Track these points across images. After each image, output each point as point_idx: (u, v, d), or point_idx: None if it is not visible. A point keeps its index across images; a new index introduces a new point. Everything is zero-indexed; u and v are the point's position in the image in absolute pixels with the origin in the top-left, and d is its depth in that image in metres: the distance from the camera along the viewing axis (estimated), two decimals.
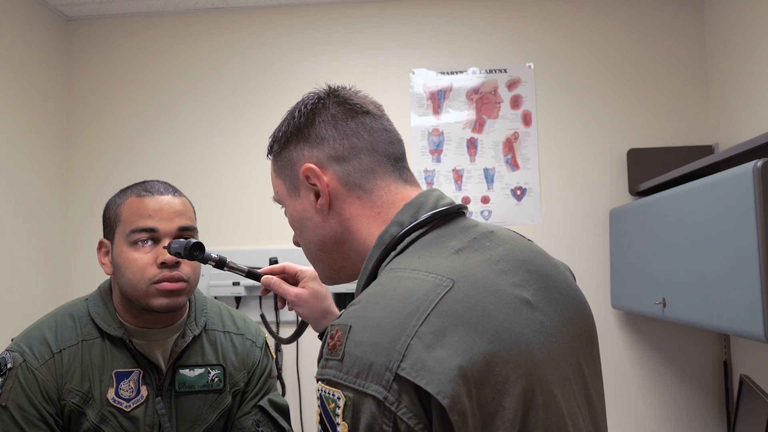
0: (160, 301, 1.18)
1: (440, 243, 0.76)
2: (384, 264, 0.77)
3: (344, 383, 0.63)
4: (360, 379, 0.63)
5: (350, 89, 0.90)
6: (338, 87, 0.90)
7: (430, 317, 0.64)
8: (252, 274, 1.14)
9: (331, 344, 0.66)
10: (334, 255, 0.87)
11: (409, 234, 0.77)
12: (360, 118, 0.85)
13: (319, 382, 0.66)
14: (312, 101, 0.88)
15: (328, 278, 0.91)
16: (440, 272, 0.69)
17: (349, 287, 2.53)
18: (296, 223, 0.89)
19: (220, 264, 1.13)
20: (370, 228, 0.82)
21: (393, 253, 0.77)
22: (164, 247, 1.17)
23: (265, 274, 1.14)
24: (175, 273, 1.18)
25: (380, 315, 0.65)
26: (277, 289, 1.11)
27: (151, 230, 1.19)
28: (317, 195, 0.84)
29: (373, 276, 0.78)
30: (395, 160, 0.86)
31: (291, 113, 0.90)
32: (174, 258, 1.17)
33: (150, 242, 1.20)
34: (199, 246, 1.12)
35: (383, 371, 0.62)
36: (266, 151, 0.93)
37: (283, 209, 0.92)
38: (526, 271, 0.76)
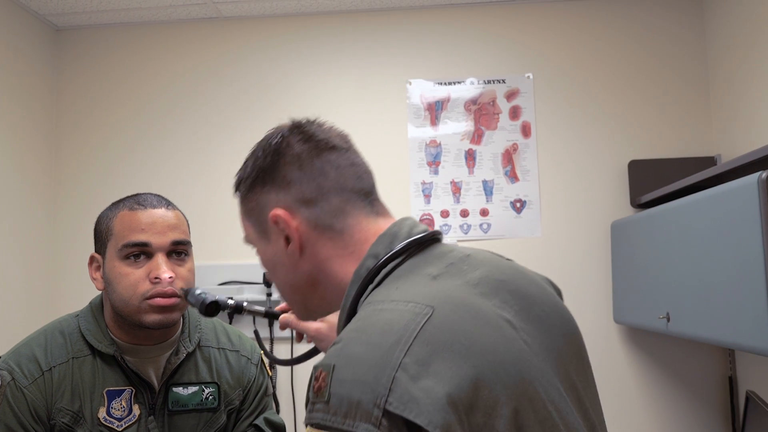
0: (152, 318, 1.18)
1: (417, 271, 0.77)
2: (363, 298, 0.78)
3: (333, 425, 0.63)
4: (348, 419, 0.62)
5: (315, 122, 0.90)
6: (302, 121, 0.89)
7: (413, 347, 0.64)
8: (270, 314, 1.16)
9: (316, 386, 0.66)
10: (309, 296, 0.88)
11: (386, 265, 0.78)
12: (326, 155, 0.85)
13: (308, 427, 0.65)
14: (275, 140, 0.87)
15: (306, 317, 0.93)
16: (419, 300, 0.70)
17: None
18: (269, 265, 0.90)
19: (238, 309, 1.15)
20: (344, 267, 0.83)
21: (371, 287, 0.78)
22: (182, 289, 1.19)
23: (282, 312, 1.16)
24: (168, 288, 1.18)
25: (362, 351, 0.65)
26: (296, 327, 1.13)
27: (143, 245, 1.19)
28: (288, 239, 0.85)
29: (352, 312, 0.79)
30: (365, 195, 0.87)
31: (255, 153, 0.90)
32: (167, 275, 1.17)
33: (143, 257, 1.19)
34: (215, 303, 1.12)
35: (371, 408, 0.62)
36: (233, 189, 0.94)
37: (255, 249, 0.93)
38: (506, 292, 0.77)
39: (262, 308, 1.16)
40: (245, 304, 1.15)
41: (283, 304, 1.16)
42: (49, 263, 2.67)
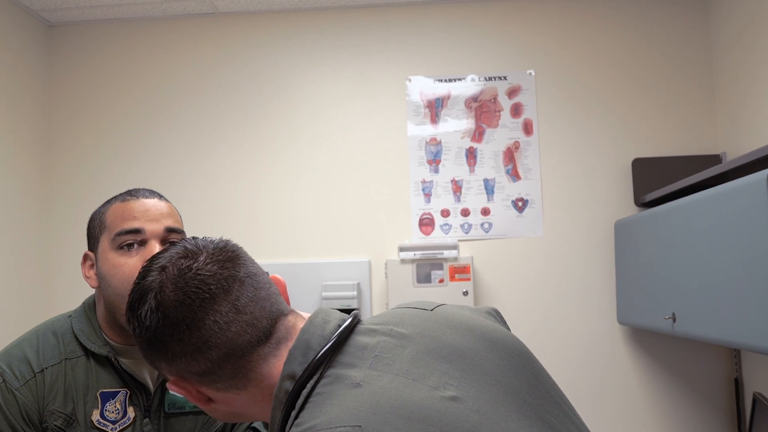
0: None
1: (339, 383, 0.73)
2: (288, 426, 0.75)
3: None
4: None
5: (189, 260, 0.81)
6: (176, 268, 0.80)
7: None
8: None
9: None
10: (240, 418, 0.87)
11: (304, 386, 0.75)
12: (206, 319, 0.78)
13: None
14: (149, 308, 0.80)
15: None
16: (345, 422, 0.67)
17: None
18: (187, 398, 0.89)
19: None
20: (262, 408, 0.82)
21: (293, 413, 0.74)
22: None
23: None
24: None
25: None
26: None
27: (137, 231, 1.18)
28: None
29: None
30: (259, 339, 0.80)
31: (137, 317, 0.82)
32: None
33: (136, 245, 1.18)
34: None
35: None
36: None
37: None
38: (441, 361, 0.75)
39: None
40: None
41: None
42: (41, 263, 2.65)
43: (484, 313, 0.90)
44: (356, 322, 0.82)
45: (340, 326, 0.80)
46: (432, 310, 0.86)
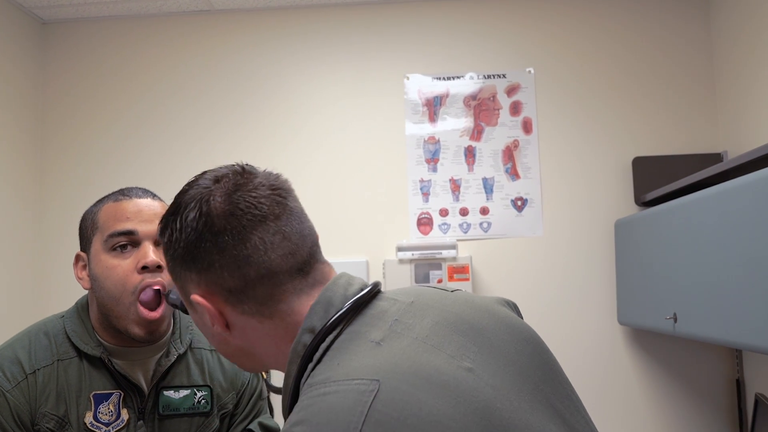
0: (137, 331, 1.15)
1: (358, 339, 0.73)
2: (303, 379, 0.74)
3: None
4: None
5: (244, 181, 0.81)
6: (229, 184, 0.80)
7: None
8: None
9: None
10: (245, 359, 0.85)
11: (323, 340, 0.75)
12: (251, 234, 0.77)
13: None
14: (195, 213, 0.79)
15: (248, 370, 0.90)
16: (363, 375, 0.66)
17: None
18: (200, 328, 0.87)
19: None
20: (279, 346, 0.80)
21: (310, 365, 0.74)
22: (164, 294, 1.15)
23: None
24: (157, 279, 1.15)
25: None
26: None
27: (130, 233, 1.17)
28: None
29: (295, 394, 0.76)
30: (298, 270, 0.80)
31: (179, 220, 0.81)
32: (156, 261, 1.15)
33: (129, 247, 1.17)
34: None
35: None
36: (159, 235, 0.86)
37: None
38: (459, 335, 0.75)
39: None
40: None
41: None
42: (34, 264, 2.64)
43: (502, 301, 0.89)
44: (377, 290, 0.82)
45: (362, 290, 0.80)
46: (452, 291, 0.86)
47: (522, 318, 0.89)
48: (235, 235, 0.77)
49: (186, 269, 0.81)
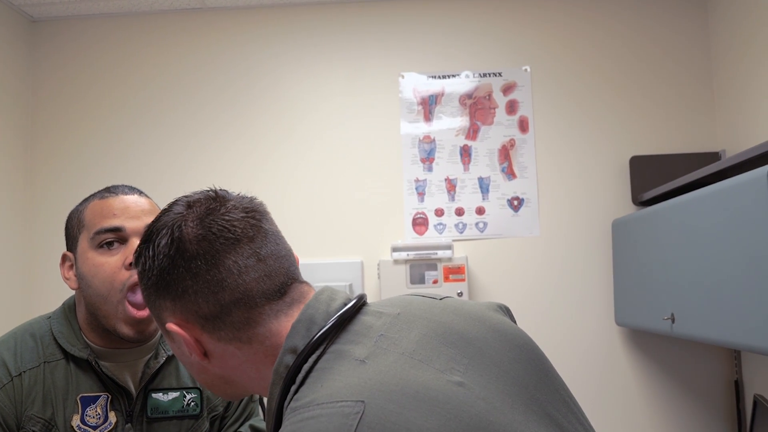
0: (126, 330, 1.14)
1: (342, 359, 0.71)
2: (287, 402, 0.73)
3: None
4: None
5: (217, 204, 0.80)
6: (201, 208, 0.80)
7: None
8: None
9: None
10: (227, 387, 0.84)
11: (306, 360, 0.73)
12: (225, 258, 0.77)
13: None
14: (167, 239, 0.78)
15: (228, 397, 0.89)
16: (348, 397, 0.65)
17: None
18: (179, 357, 0.86)
19: None
20: (260, 371, 0.79)
21: (293, 387, 0.72)
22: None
23: None
24: None
25: None
26: None
27: (117, 229, 1.16)
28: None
29: (279, 418, 0.75)
30: (275, 292, 0.79)
31: (151, 248, 0.80)
32: None
33: (117, 244, 1.16)
34: None
35: None
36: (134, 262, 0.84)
37: None
38: (448, 346, 0.73)
39: None
40: None
41: None
42: (23, 265, 2.62)
43: (494, 307, 0.88)
44: (362, 303, 0.81)
45: (345, 305, 0.78)
46: (441, 299, 0.84)
47: (515, 322, 0.88)
48: (209, 260, 0.77)
49: (160, 297, 0.80)
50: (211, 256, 0.77)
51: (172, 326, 0.79)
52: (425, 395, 0.65)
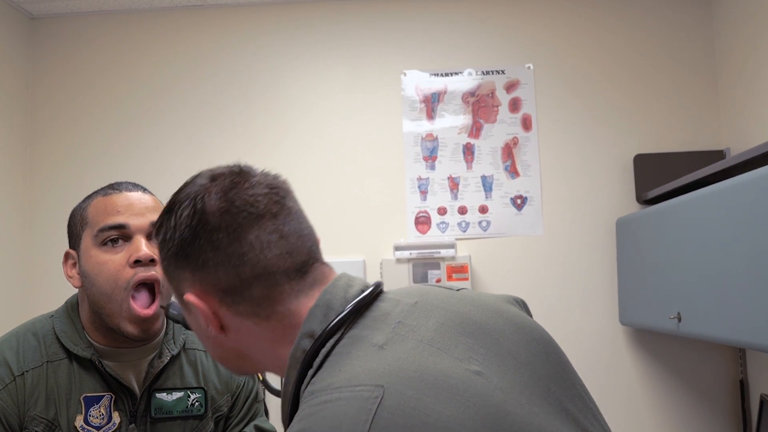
0: (131, 329, 1.14)
1: (360, 344, 0.71)
2: (304, 386, 0.73)
3: None
4: None
5: (241, 180, 0.80)
6: (226, 181, 0.79)
7: None
8: None
9: None
10: (240, 362, 0.84)
11: (323, 345, 0.73)
12: (248, 233, 0.76)
13: None
14: (189, 210, 0.78)
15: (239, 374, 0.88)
16: (366, 381, 0.64)
17: None
18: (195, 330, 0.86)
19: None
20: (275, 349, 0.78)
21: (310, 372, 0.72)
22: (161, 306, 1.14)
23: None
24: (150, 273, 1.14)
25: None
26: None
27: (121, 227, 1.15)
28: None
29: (295, 402, 0.74)
30: (296, 271, 0.79)
31: (173, 218, 0.80)
32: (149, 255, 1.13)
33: (121, 241, 1.15)
34: None
35: None
36: (153, 235, 0.84)
37: None
38: (466, 336, 0.73)
39: None
40: None
41: None
42: (24, 263, 2.62)
43: (510, 299, 0.88)
44: (379, 290, 0.80)
45: (363, 291, 0.78)
46: (457, 290, 0.84)
47: (531, 316, 0.87)
48: (231, 233, 0.76)
49: (180, 268, 0.80)
50: (233, 229, 0.76)
51: (190, 297, 0.78)
52: (444, 383, 0.65)
